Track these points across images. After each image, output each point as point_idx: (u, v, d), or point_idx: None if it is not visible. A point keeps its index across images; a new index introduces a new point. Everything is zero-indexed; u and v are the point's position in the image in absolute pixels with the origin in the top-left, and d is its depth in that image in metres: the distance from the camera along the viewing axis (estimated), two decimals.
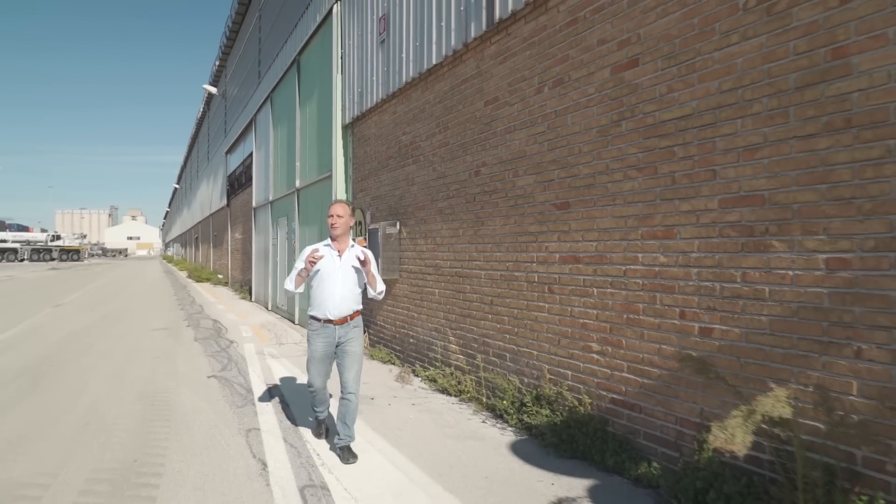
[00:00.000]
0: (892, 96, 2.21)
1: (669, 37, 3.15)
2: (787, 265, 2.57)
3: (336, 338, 3.66)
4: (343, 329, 3.67)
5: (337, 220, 3.67)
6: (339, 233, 3.69)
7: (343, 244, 3.74)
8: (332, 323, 3.64)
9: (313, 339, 3.71)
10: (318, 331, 3.68)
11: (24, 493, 3.10)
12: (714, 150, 2.89)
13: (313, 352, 3.70)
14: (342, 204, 3.75)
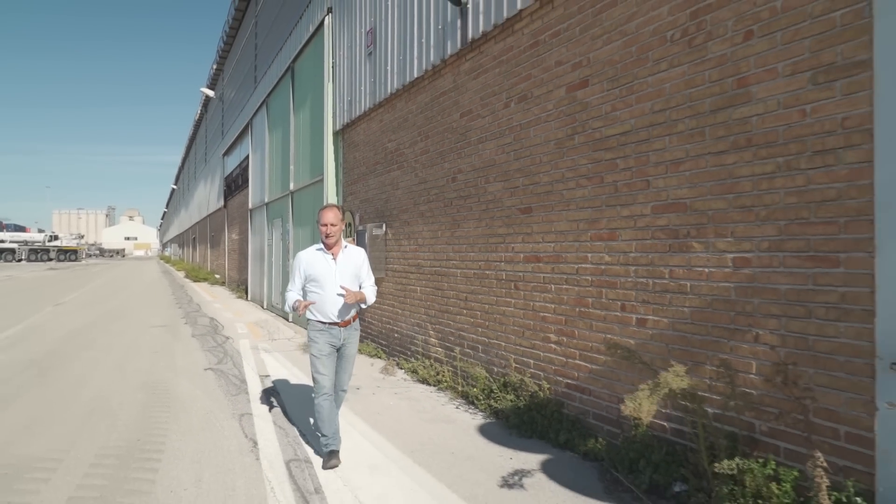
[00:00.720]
0: (781, 120, 2.62)
1: (613, 62, 3.57)
2: (703, 263, 2.99)
3: (341, 339, 3.63)
4: (346, 331, 3.65)
5: (331, 228, 3.59)
6: (333, 241, 3.63)
7: (336, 248, 3.67)
8: (338, 325, 3.61)
9: (317, 338, 3.61)
10: (323, 330, 3.61)
11: (41, 465, 3.50)
12: (648, 163, 3.31)
13: (319, 349, 3.59)
14: (334, 210, 3.65)
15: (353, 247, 3.79)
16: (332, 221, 3.59)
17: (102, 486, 3.20)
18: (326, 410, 3.55)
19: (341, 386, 3.77)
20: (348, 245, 3.77)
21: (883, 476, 2.24)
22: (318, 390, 3.58)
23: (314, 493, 3.13)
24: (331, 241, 3.62)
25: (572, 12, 3.90)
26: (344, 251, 3.70)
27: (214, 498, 3.05)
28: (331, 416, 3.56)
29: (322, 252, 3.66)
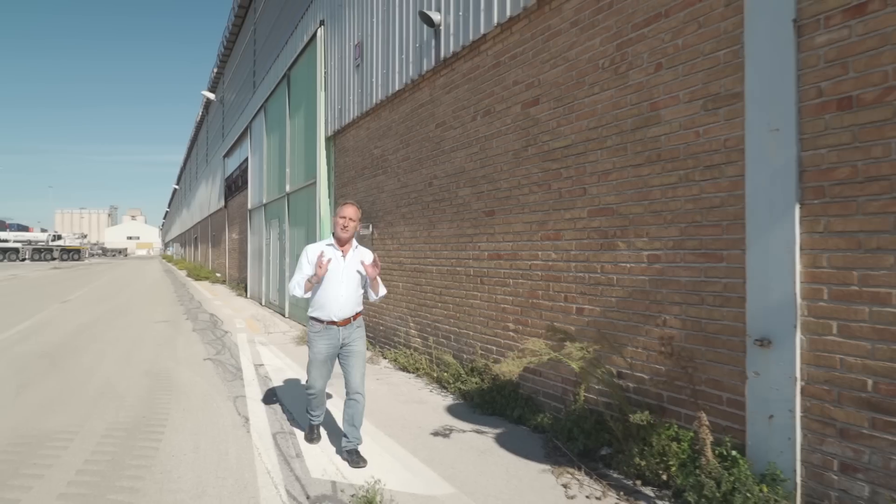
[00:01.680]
0: (682, 140, 3.13)
1: (558, 83, 4.08)
2: (626, 259, 3.50)
3: (340, 339, 3.59)
4: (347, 330, 3.61)
5: (349, 223, 3.57)
6: (348, 235, 3.60)
7: (347, 246, 3.66)
8: (336, 325, 3.57)
9: (316, 341, 3.60)
10: (321, 332, 3.59)
11: (60, 436, 4.02)
12: (584, 173, 3.82)
13: (316, 354, 3.61)
14: (354, 206, 3.63)
15: (363, 248, 3.76)
16: (351, 216, 3.58)
17: (113, 452, 3.72)
18: (317, 401, 3.79)
19: (355, 388, 3.58)
20: (358, 246, 3.74)
21: (751, 433, 2.75)
22: (308, 389, 3.74)
23: (295, 458, 3.65)
24: (345, 235, 3.58)
25: (526, 38, 4.41)
26: (354, 250, 3.67)
27: (210, 461, 3.57)
28: (320, 404, 3.82)
29: (332, 248, 3.62)
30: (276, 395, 5.23)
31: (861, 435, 2.35)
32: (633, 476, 3.19)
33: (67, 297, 15.49)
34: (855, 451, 2.37)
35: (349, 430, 3.57)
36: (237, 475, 3.35)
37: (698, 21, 3.04)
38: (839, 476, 2.43)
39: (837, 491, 2.44)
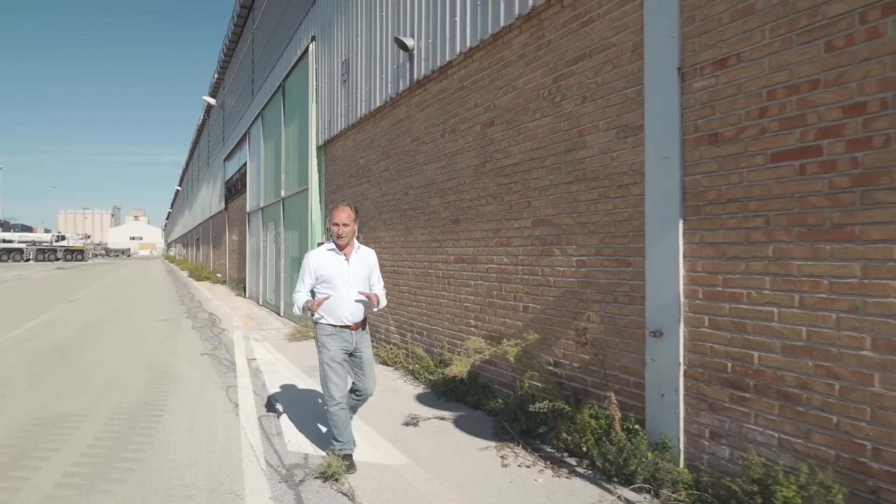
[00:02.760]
0: (601, 162, 3.68)
1: (509, 108, 4.63)
2: (560, 264, 4.05)
3: (353, 342, 3.52)
4: (358, 335, 3.55)
5: (343, 229, 3.48)
6: (345, 242, 3.53)
7: (349, 248, 3.57)
8: (349, 328, 3.50)
9: (329, 343, 3.45)
10: (334, 335, 3.47)
11: (71, 419, 4.59)
12: (529, 188, 4.37)
13: (333, 356, 3.43)
14: (346, 209, 3.52)
15: (364, 248, 3.70)
16: (345, 221, 3.47)
17: (118, 431, 4.29)
18: (342, 419, 3.44)
19: (368, 392, 3.66)
20: (360, 246, 3.67)
21: (649, 409, 3.30)
22: (329, 401, 3.43)
23: (276, 436, 4.21)
24: (342, 242, 3.50)
25: (484, 66, 4.96)
26: (357, 252, 3.59)
27: (201, 438, 4.13)
28: (346, 423, 3.47)
29: (334, 252, 3.53)
30: (265, 384, 5.79)
31: (723, 408, 2.90)
32: (562, 449, 3.75)
33: (73, 296, 16.09)
34: (719, 421, 2.92)
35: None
36: (224, 449, 3.91)
37: (613, 62, 3.59)
38: (709, 442, 2.98)
39: (708, 454, 2.99)
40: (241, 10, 16.64)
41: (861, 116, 2.33)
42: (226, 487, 3.27)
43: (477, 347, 3.67)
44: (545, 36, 4.19)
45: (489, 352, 3.74)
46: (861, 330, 2.33)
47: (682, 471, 3.04)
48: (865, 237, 2.32)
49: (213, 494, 3.18)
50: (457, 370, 3.60)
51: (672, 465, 3.06)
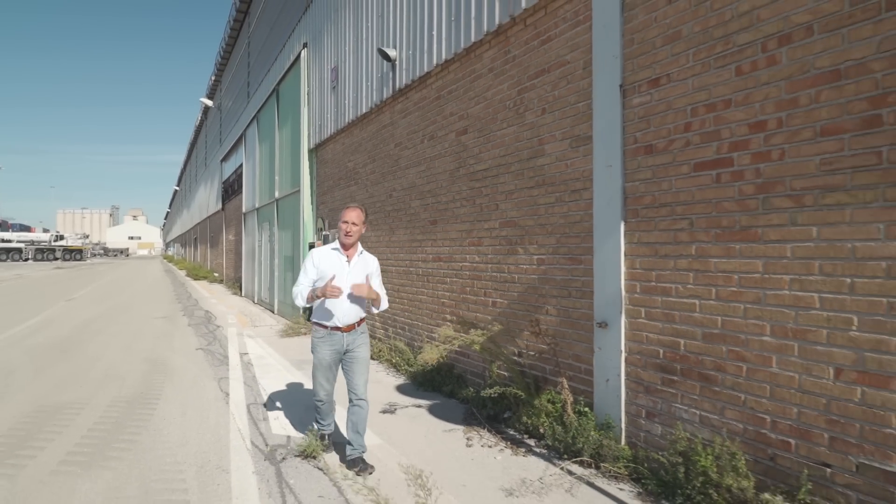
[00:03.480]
0: (557, 169, 4.03)
1: (480, 118, 4.97)
2: (524, 262, 4.40)
3: (344, 345, 3.52)
4: (351, 336, 3.54)
5: (352, 227, 3.47)
6: (352, 241, 3.52)
7: (353, 251, 3.57)
8: (340, 330, 3.50)
9: (320, 347, 3.54)
10: (325, 338, 3.52)
11: (72, 407, 4.93)
12: (497, 192, 4.72)
13: (321, 359, 3.55)
14: (358, 210, 3.54)
15: (368, 253, 3.70)
16: (354, 220, 3.48)
17: (116, 418, 4.63)
18: (325, 410, 3.75)
19: (358, 394, 3.54)
20: (364, 251, 3.66)
21: (596, 393, 3.65)
22: (314, 397, 3.73)
23: (262, 421, 4.55)
24: (349, 241, 3.50)
25: (459, 77, 5.31)
26: (359, 255, 3.59)
27: (193, 423, 4.47)
28: (329, 411, 3.77)
29: (337, 252, 3.55)
30: (255, 376, 6.13)
31: (656, 390, 3.25)
32: (523, 432, 4.09)
33: (72, 295, 16.40)
34: (653, 402, 3.27)
35: (354, 438, 3.49)
36: (214, 432, 4.26)
37: (567, 78, 3.94)
38: (645, 421, 3.33)
39: (644, 432, 3.34)
40: (237, 14, 16.97)
41: (763, 133, 2.68)
42: (213, 464, 3.62)
43: (447, 336, 4.01)
44: (511, 51, 4.54)
45: (458, 340, 4.09)
46: (762, 318, 2.68)
47: (623, 447, 3.39)
48: (766, 238, 2.67)
49: (202, 469, 3.52)
50: (427, 357, 3.94)
51: (614, 442, 3.41)
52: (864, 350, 2.30)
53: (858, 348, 2.32)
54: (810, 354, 2.49)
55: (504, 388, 4.09)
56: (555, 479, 3.34)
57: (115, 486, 3.28)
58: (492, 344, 4.15)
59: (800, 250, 2.53)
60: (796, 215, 2.54)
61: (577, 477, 3.35)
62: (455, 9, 5.24)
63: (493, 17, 4.65)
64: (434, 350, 4.00)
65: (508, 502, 3.08)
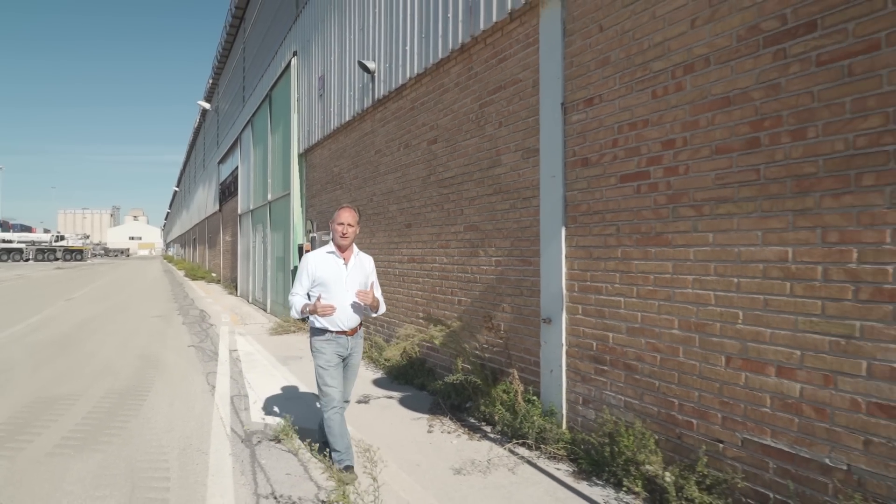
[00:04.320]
0: (511, 178, 4.39)
1: (448, 128, 5.34)
2: (484, 263, 4.76)
3: (348, 348, 3.47)
4: (353, 340, 3.50)
5: (347, 229, 3.41)
6: (348, 243, 3.46)
7: (349, 252, 3.52)
8: (346, 334, 3.44)
9: (324, 348, 3.41)
10: (330, 340, 3.41)
11: (68, 398, 5.29)
12: (462, 198, 5.08)
13: (328, 360, 3.38)
14: (352, 211, 3.47)
15: (363, 254, 3.67)
16: (350, 222, 3.43)
17: (109, 408, 4.99)
18: (338, 424, 3.36)
19: (345, 396, 3.58)
20: (359, 252, 3.63)
21: (543, 383, 4.01)
22: (326, 404, 3.39)
23: (243, 411, 4.91)
24: (345, 242, 3.44)
25: (430, 90, 5.67)
26: (356, 257, 3.55)
27: (179, 412, 4.84)
28: (342, 430, 3.38)
29: (333, 255, 3.47)
30: (242, 371, 6.50)
31: (590, 379, 3.61)
32: (480, 419, 4.45)
33: (71, 295, 16.78)
34: (588, 389, 3.63)
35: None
36: (198, 419, 4.62)
37: (520, 95, 4.30)
38: (582, 407, 3.69)
39: (581, 417, 3.70)
40: (232, 19, 17.34)
41: (672, 150, 3.04)
42: (195, 447, 3.98)
43: (407, 333, 4.37)
44: (473, 68, 4.90)
45: (418, 337, 4.44)
46: (672, 314, 3.04)
47: (563, 431, 3.75)
48: (674, 243, 3.03)
49: (184, 452, 3.89)
50: (390, 353, 4.30)
51: (556, 426, 3.77)
52: (747, 340, 2.66)
53: (743, 339, 2.68)
54: (707, 345, 2.85)
55: (465, 378, 4.45)
56: (501, 459, 3.70)
57: (104, 466, 3.64)
58: (452, 339, 4.52)
59: (700, 254, 2.89)
60: (697, 223, 2.90)
61: (520, 458, 3.71)
62: (425, 26, 5.60)
63: (458, 36, 5.01)
64: (396, 347, 4.36)
65: (456, 479, 3.44)
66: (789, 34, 2.48)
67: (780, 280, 2.52)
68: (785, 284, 2.50)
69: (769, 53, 2.57)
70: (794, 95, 2.47)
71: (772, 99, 2.55)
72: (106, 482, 3.39)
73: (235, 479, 3.43)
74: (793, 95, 2.47)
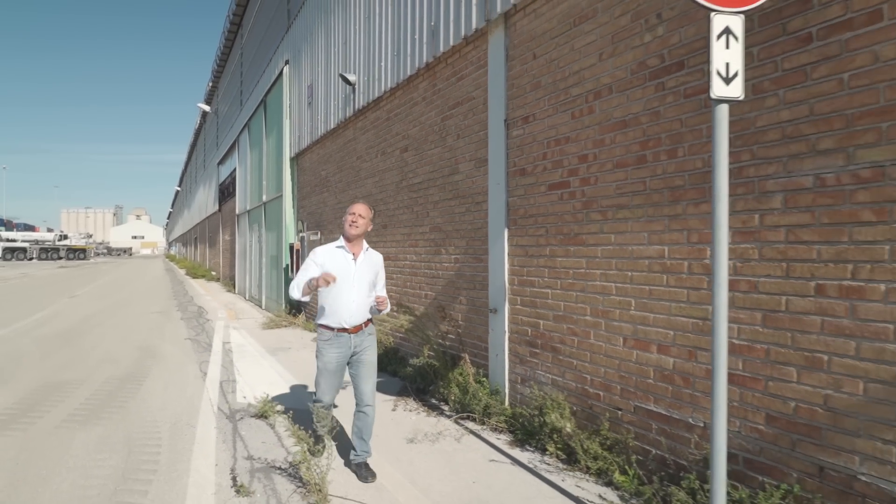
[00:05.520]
0: (467, 185, 4.93)
1: (417, 138, 5.88)
2: (446, 261, 5.30)
3: (352, 347, 3.38)
4: (358, 338, 3.39)
5: (358, 219, 3.34)
6: (357, 233, 3.37)
7: (358, 247, 3.44)
8: (348, 332, 3.35)
9: (326, 350, 3.35)
10: (332, 340, 3.35)
11: (72, 383, 5.86)
12: (427, 202, 5.62)
13: (326, 363, 3.35)
14: (364, 205, 3.45)
15: (373, 251, 3.60)
16: (361, 213, 3.38)
17: (110, 391, 5.55)
18: (323, 415, 3.45)
19: (365, 401, 3.42)
20: (369, 248, 3.56)
21: (490, 366, 4.56)
22: (316, 401, 3.48)
23: (230, 393, 5.47)
24: (354, 232, 3.36)
25: (402, 102, 6.21)
26: (365, 253, 3.48)
27: (173, 394, 5.40)
28: (325, 417, 3.47)
29: (343, 251, 3.41)
30: (232, 361, 7.06)
31: (526, 361, 4.15)
32: (440, 399, 5.00)
33: (75, 292, 17.38)
34: (525, 370, 4.18)
35: (358, 444, 3.39)
36: (189, 400, 5.18)
37: (473, 110, 4.84)
38: (520, 385, 4.23)
39: (520, 394, 4.24)
40: (230, 26, 17.90)
41: (586, 163, 3.58)
42: (184, 422, 4.54)
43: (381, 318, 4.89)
44: (437, 85, 5.44)
45: (388, 324, 4.97)
46: (585, 302, 3.58)
47: (506, 407, 4.29)
48: (587, 242, 3.57)
49: (174, 426, 4.44)
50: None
51: (500, 403, 4.32)
52: (637, 324, 3.20)
53: (634, 323, 3.22)
54: (610, 329, 3.39)
55: (427, 363, 4.99)
56: (450, 431, 4.25)
57: (104, 437, 4.20)
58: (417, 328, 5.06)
59: (605, 252, 3.42)
60: (603, 226, 3.44)
61: (467, 430, 4.26)
62: (397, 45, 6.14)
63: (423, 56, 5.55)
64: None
65: (407, 446, 3.99)
66: (666, 70, 3.02)
67: (660, 273, 3.05)
68: (663, 277, 3.04)
69: (653, 86, 3.10)
70: (669, 121, 3.00)
71: (654, 123, 3.09)
72: (107, 448, 3.95)
73: (218, 447, 3.98)
74: (668, 121, 3.01)
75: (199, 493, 3.22)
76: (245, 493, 3.19)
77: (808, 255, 2.36)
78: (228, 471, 3.55)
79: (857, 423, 2.19)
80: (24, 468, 3.58)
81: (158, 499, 3.16)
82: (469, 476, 3.46)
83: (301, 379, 6.01)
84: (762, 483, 2.51)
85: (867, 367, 2.16)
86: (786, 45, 2.46)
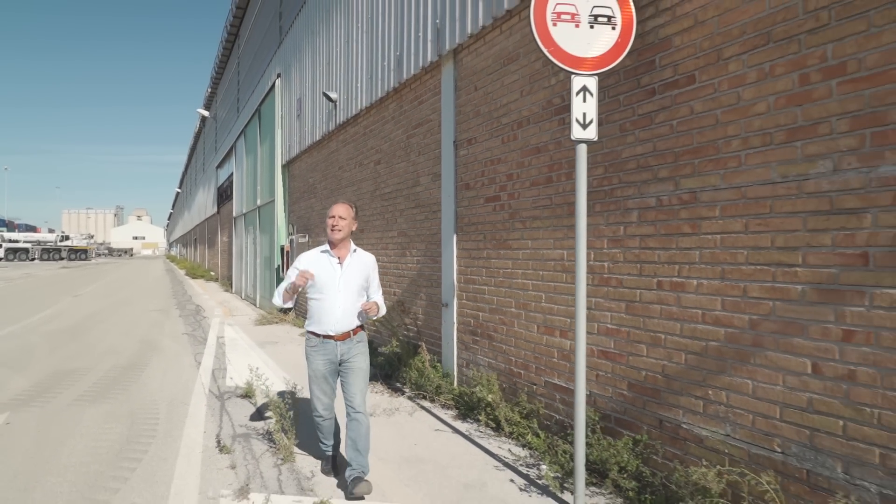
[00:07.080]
0: (426, 196, 5.64)
1: (387, 153, 6.60)
2: (410, 262, 6.02)
3: (338, 355, 3.26)
4: (345, 345, 3.27)
5: (339, 221, 3.23)
6: (340, 237, 3.25)
7: (344, 250, 3.32)
8: (333, 339, 3.24)
9: (312, 357, 3.29)
10: (317, 347, 3.26)
11: (79, 371, 6.58)
12: (396, 210, 6.35)
13: (314, 370, 3.28)
14: (345, 205, 3.33)
15: (363, 252, 3.46)
16: (341, 214, 3.26)
17: (114, 377, 6.28)
18: (326, 428, 3.43)
19: (355, 407, 3.22)
20: (357, 249, 3.42)
21: (443, 353, 5.28)
22: (314, 413, 3.42)
23: (221, 379, 6.19)
24: (337, 237, 3.25)
25: (375, 119, 6.94)
26: (352, 255, 3.34)
27: (170, 379, 6.12)
28: (329, 431, 3.46)
29: (327, 255, 3.30)
30: (225, 353, 7.78)
31: (470, 347, 4.87)
32: (403, 383, 5.71)
33: (78, 292, 18.11)
34: (469, 355, 4.89)
35: (353, 457, 3.15)
36: (184, 384, 5.90)
37: (431, 131, 5.56)
38: (466, 369, 4.95)
39: (466, 377, 4.96)
40: (228, 36, 18.64)
41: (512, 181, 4.30)
42: (179, 401, 5.26)
43: None
44: (403, 107, 6.17)
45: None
46: (511, 297, 4.30)
47: (454, 387, 5.01)
48: (513, 246, 4.28)
49: (171, 404, 5.17)
50: None
51: (450, 384, 5.03)
52: (546, 314, 3.92)
53: (544, 313, 3.94)
54: (528, 318, 4.11)
55: (393, 352, 5.71)
56: (405, 408, 4.97)
57: (111, 412, 4.92)
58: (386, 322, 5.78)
59: (524, 254, 4.14)
60: (523, 233, 4.16)
61: (420, 407, 4.98)
62: (371, 69, 6.87)
63: (391, 81, 6.28)
64: None
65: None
66: (565, 108, 3.74)
67: (561, 272, 3.77)
68: (563, 275, 3.75)
69: (557, 120, 3.82)
70: (568, 150, 3.72)
71: (558, 151, 3.81)
72: (113, 420, 4.67)
73: (207, 419, 4.71)
74: (567, 150, 3.72)
75: (189, 451, 3.94)
76: (226, 451, 3.91)
77: (653, 258, 3.08)
78: (214, 436, 4.27)
79: (681, 384, 2.91)
80: (44, 435, 4.31)
81: (156, 455, 3.89)
82: (413, 441, 4.18)
83: (285, 368, 6.73)
84: (625, 437, 3.23)
85: (686, 343, 2.88)
86: (640, 95, 3.18)
